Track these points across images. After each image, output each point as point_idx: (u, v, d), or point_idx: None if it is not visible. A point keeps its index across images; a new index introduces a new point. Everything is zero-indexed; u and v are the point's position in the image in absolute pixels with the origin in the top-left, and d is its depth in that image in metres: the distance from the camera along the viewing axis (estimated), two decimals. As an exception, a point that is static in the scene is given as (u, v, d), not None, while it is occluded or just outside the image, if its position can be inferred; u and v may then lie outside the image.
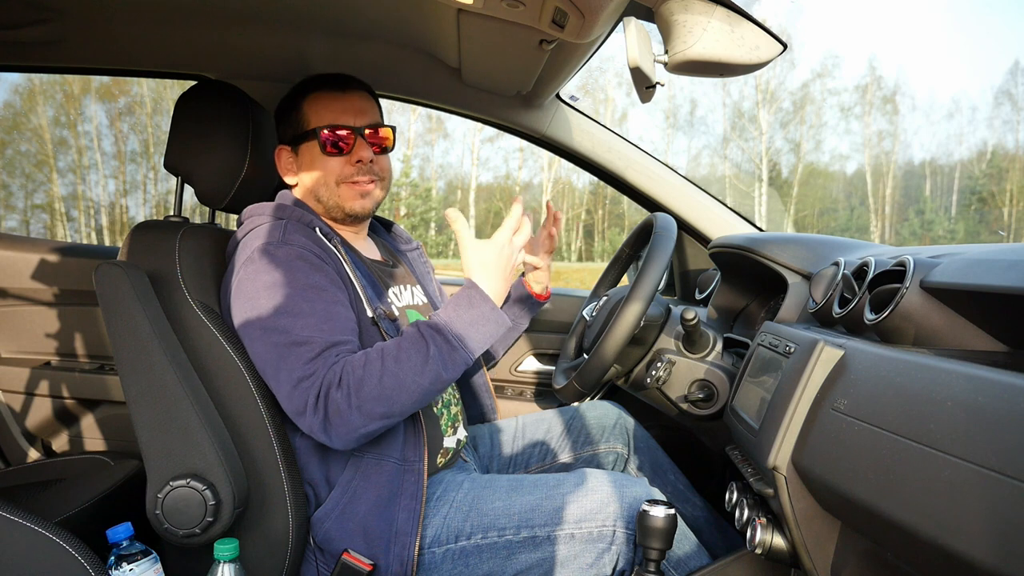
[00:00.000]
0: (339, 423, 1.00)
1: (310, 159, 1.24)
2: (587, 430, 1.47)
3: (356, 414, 1.00)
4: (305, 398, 1.01)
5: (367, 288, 1.17)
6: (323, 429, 1.01)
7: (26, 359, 1.86)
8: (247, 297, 1.08)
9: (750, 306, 1.56)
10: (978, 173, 36.71)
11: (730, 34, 0.87)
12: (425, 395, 1.03)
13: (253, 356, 1.08)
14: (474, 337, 1.06)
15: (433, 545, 1.09)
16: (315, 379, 1.01)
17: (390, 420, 1.03)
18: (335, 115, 1.22)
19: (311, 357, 1.03)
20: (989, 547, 0.53)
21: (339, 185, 1.23)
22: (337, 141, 1.21)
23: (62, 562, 0.90)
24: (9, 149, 30.70)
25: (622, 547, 1.06)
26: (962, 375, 0.61)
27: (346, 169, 1.23)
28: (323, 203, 1.25)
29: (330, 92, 1.24)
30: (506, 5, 0.99)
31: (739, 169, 35.89)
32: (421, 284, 1.39)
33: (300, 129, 1.24)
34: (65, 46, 1.57)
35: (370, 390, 1.00)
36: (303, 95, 1.25)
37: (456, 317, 1.06)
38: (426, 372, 1.02)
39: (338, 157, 1.22)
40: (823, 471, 0.76)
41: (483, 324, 1.06)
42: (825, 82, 36.96)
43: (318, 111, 1.23)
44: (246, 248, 1.13)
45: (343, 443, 1.03)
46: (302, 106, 1.24)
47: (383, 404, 1.00)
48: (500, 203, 36.20)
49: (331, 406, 1.00)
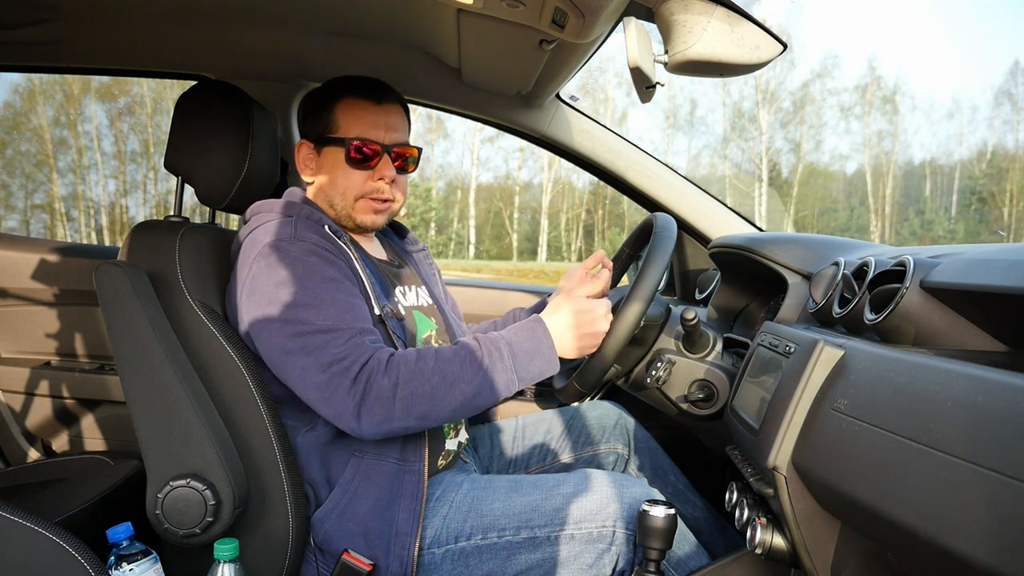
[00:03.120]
0: (377, 410, 1.00)
1: (332, 164, 1.23)
2: (587, 430, 1.46)
3: (399, 405, 1.00)
4: (339, 381, 1.00)
5: (375, 286, 1.17)
6: (355, 414, 1.00)
7: (26, 359, 1.86)
8: (262, 293, 1.07)
9: (750, 306, 1.56)
10: (978, 173, 36.71)
11: (730, 34, 0.87)
12: (464, 407, 1.03)
13: (271, 350, 1.07)
14: (527, 366, 1.06)
15: (433, 546, 1.09)
16: (350, 363, 1.01)
17: (423, 423, 1.03)
18: (366, 128, 1.21)
19: (342, 342, 1.02)
20: (989, 547, 0.53)
21: (356, 200, 1.23)
22: (365, 155, 1.20)
23: (62, 562, 0.90)
24: (9, 149, 30.71)
25: (622, 547, 1.06)
26: (962, 375, 0.61)
27: (367, 185, 1.22)
28: (335, 209, 1.24)
29: (365, 101, 1.22)
30: (506, 5, 0.99)
31: (739, 169, 35.92)
32: (427, 286, 1.39)
33: (328, 131, 1.22)
34: (65, 46, 1.57)
35: (419, 384, 1.00)
36: (337, 97, 1.23)
37: (517, 342, 1.06)
38: (474, 382, 1.02)
39: (362, 171, 1.22)
40: (823, 471, 0.76)
41: (537, 359, 1.07)
42: (825, 82, 37.01)
43: (349, 119, 1.21)
44: (254, 244, 1.12)
45: (372, 431, 1.02)
46: (334, 109, 1.22)
47: (426, 402, 1.01)
48: (500, 203, 36.22)
49: (373, 391, 1.00)
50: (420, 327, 1.26)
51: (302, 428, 1.13)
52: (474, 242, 36.77)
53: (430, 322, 1.30)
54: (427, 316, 1.30)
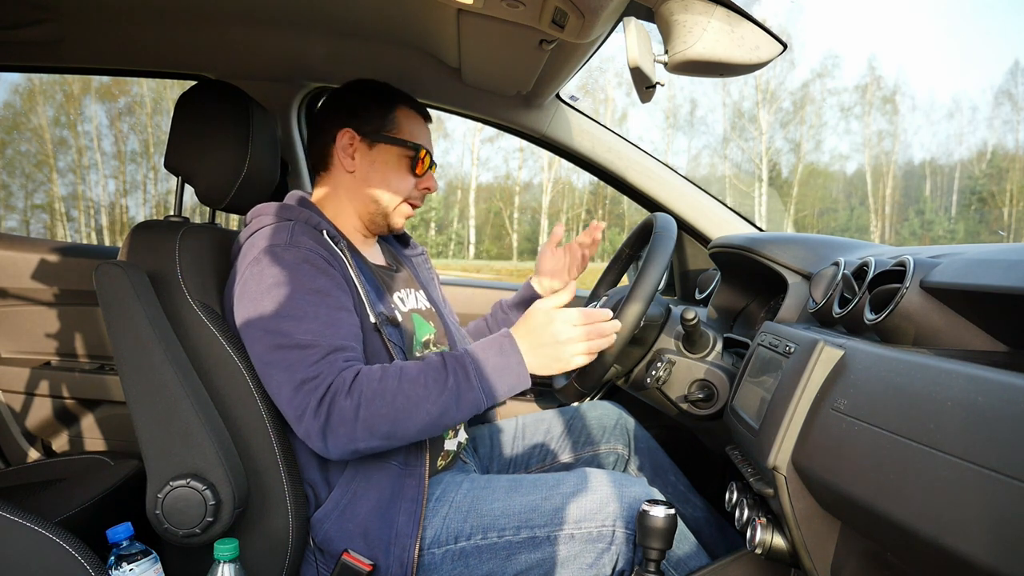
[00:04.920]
0: (341, 432, 0.99)
1: (386, 162, 1.25)
2: (587, 430, 1.47)
3: (361, 427, 0.99)
4: (307, 401, 1.00)
5: (370, 293, 1.17)
6: (321, 436, 1.00)
7: (26, 359, 1.86)
8: (250, 298, 1.08)
9: (750, 306, 1.56)
10: (978, 173, 36.70)
11: (730, 34, 0.87)
12: (430, 426, 1.02)
13: (253, 357, 1.08)
14: (494, 383, 1.04)
15: (433, 546, 1.09)
16: (319, 382, 1.00)
17: (389, 443, 1.02)
18: (425, 140, 1.29)
19: (315, 360, 1.02)
20: (989, 547, 0.53)
21: (402, 202, 1.28)
22: (425, 164, 1.27)
23: (62, 562, 0.90)
24: (9, 149, 30.70)
25: (622, 547, 1.06)
26: (962, 375, 0.61)
27: (415, 191, 1.29)
28: (377, 204, 1.26)
29: (420, 116, 1.30)
30: (506, 5, 0.99)
31: (739, 169, 35.90)
32: (425, 290, 1.39)
33: (390, 131, 1.25)
34: (65, 46, 1.57)
35: (381, 406, 0.99)
36: (397, 102, 1.27)
37: (484, 359, 1.04)
38: (439, 402, 1.01)
39: (416, 177, 1.28)
40: (823, 471, 0.76)
41: (507, 375, 1.04)
42: (825, 82, 36.94)
43: (411, 126, 1.27)
44: (252, 248, 1.12)
45: (338, 453, 1.02)
46: (395, 111, 1.26)
47: (389, 423, 0.99)
48: (500, 203, 36.20)
49: (336, 413, 0.99)
50: (419, 330, 1.26)
51: (301, 428, 1.13)
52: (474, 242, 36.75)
53: (429, 326, 1.30)
54: (426, 320, 1.30)
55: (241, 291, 1.09)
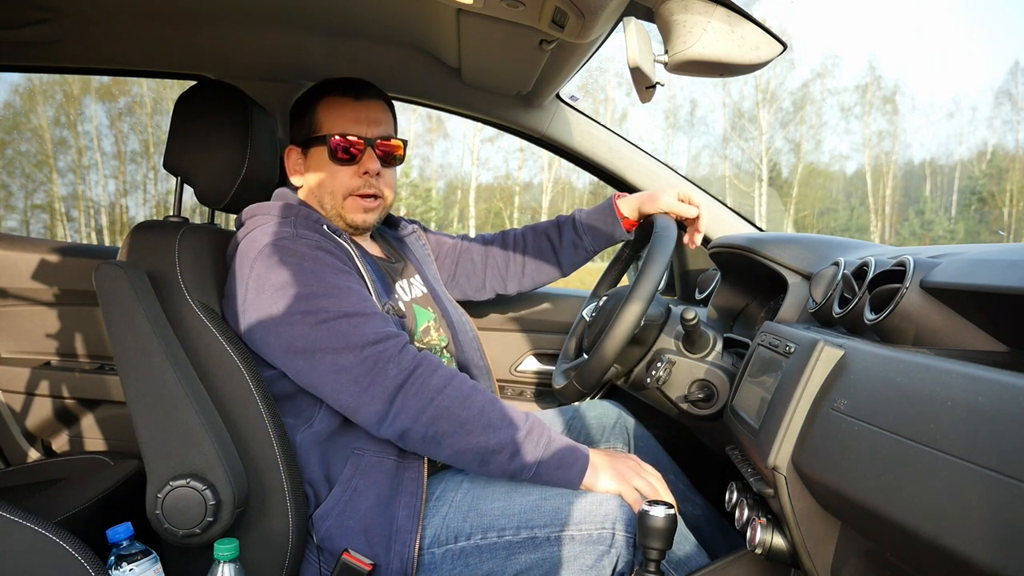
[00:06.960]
0: (413, 403, 1.01)
1: (318, 164, 1.24)
2: (587, 430, 1.46)
3: (430, 411, 1.01)
4: (377, 364, 1.00)
5: (377, 284, 1.18)
6: (391, 397, 1.01)
7: (26, 359, 1.86)
8: (273, 288, 1.06)
9: (750, 306, 1.56)
10: (978, 173, 36.69)
11: (730, 34, 0.87)
12: (477, 456, 1.04)
13: (287, 348, 1.06)
14: (551, 466, 1.06)
15: (433, 545, 1.09)
16: (387, 346, 1.02)
17: (432, 447, 1.04)
18: (347, 123, 1.22)
19: (372, 326, 1.03)
20: (989, 547, 0.53)
21: (345, 199, 1.24)
22: (348, 149, 1.21)
23: (62, 562, 0.90)
24: (9, 149, 30.69)
25: (622, 549, 1.06)
26: (962, 375, 0.61)
27: (353, 181, 1.23)
28: (325, 210, 1.25)
29: (345, 98, 1.24)
30: (506, 5, 0.99)
31: (739, 169, 35.89)
32: (420, 272, 1.40)
33: (311, 132, 1.24)
34: (65, 46, 1.57)
35: (459, 408, 1.01)
36: (318, 98, 1.25)
37: (559, 445, 1.07)
38: (504, 440, 1.03)
39: (346, 166, 1.23)
40: (823, 471, 0.76)
41: (564, 471, 1.07)
42: (825, 82, 36.92)
43: (331, 117, 1.23)
44: (253, 245, 1.11)
45: (394, 426, 1.02)
46: (316, 109, 1.24)
47: (452, 426, 1.01)
48: (500, 203, 36.20)
49: (417, 382, 1.01)
50: (419, 319, 1.27)
51: (300, 426, 1.13)
52: (474, 242, 36.69)
53: (427, 312, 1.31)
54: (423, 307, 1.31)
55: (258, 287, 1.08)
